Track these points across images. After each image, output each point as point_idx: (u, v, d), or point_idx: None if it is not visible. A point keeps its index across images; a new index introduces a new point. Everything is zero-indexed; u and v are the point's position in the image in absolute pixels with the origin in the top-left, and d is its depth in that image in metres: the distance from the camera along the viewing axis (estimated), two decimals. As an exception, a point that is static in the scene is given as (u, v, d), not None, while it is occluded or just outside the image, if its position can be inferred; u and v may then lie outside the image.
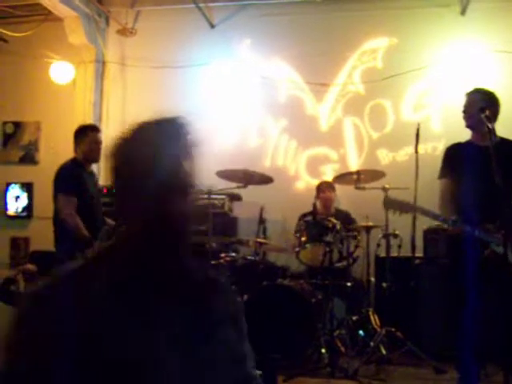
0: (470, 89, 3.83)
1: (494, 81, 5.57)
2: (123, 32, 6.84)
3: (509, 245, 2.99)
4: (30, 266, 5.54)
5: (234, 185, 5.42)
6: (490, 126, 3.42)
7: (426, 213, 3.71)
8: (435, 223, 4.67)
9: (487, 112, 3.47)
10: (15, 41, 6.69)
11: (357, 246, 5.10)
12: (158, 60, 6.71)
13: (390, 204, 3.75)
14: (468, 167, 3.67)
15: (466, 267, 3.62)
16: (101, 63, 6.97)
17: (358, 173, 5.26)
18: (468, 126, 3.76)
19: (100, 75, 6.99)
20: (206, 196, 5.44)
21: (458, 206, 3.69)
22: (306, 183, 6.50)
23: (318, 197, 5.71)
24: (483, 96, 3.70)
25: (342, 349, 4.70)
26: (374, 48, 6.47)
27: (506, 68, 6.05)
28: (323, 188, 5.77)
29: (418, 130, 4.63)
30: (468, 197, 3.64)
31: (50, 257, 4.83)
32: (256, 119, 6.65)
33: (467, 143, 3.81)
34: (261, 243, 5.24)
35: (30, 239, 6.96)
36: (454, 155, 3.81)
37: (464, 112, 3.74)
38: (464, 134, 3.86)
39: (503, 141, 3.72)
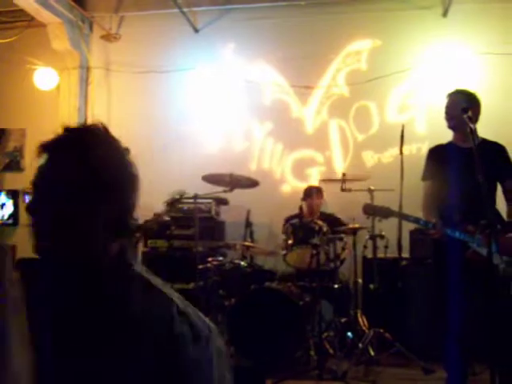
0: (452, 90, 3.86)
1: (476, 82, 5.62)
2: (107, 37, 6.83)
3: (493, 245, 3.01)
4: (14, 274, 5.48)
5: (220, 189, 5.40)
6: (471, 126, 3.43)
7: (405, 217, 3.72)
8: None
9: (469, 113, 3.48)
10: (-2, 47, 6.65)
11: (344, 248, 5.12)
12: (143, 65, 6.69)
13: (370, 210, 3.76)
14: (450, 168, 3.69)
15: (449, 268, 3.65)
16: (85, 69, 6.94)
17: (343, 175, 5.28)
18: (450, 127, 3.77)
19: (84, 81, 6.97)
20: (192, 200, 5.46)
21: (440, 207, 3.71)
22: (292, 186, 6.51)
23: (304, 200, 5.71)
24: (465, 97, 3.71)
25: (331, 351, 4.72)
26: (357, 50, 6.50)
27: (487, 69, 6.09)
28: (311, 193, 5.70)
29: (402, 132, 4.65)
30: (451, 198, 3.67)
31: (36, 265, 4.80)
32: (241, 123, 6.66)
33: (449, 144, 3.83)
34: (248, 247, 5.24)
35: (16, 247, 6.89)
36: (437, 157, 3.82)
37: (446, 113, 3.75)
38: (448, 135, 3.87)
39: (485, 141, 3.74)
